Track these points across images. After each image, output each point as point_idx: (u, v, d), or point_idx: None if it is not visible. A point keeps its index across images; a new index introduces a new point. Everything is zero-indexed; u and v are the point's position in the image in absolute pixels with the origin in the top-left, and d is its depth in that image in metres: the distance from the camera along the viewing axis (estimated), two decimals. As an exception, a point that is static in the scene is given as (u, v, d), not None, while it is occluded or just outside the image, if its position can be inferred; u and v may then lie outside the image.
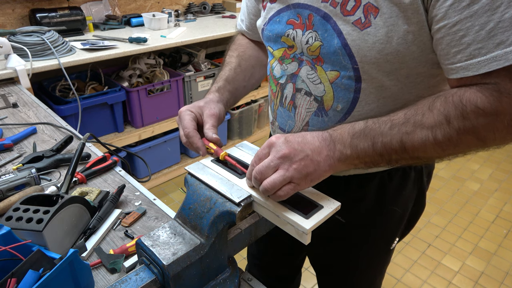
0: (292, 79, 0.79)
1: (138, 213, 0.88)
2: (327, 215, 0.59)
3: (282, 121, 0.86)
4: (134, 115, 2.29)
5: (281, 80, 0.82)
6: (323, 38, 0.70)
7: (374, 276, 1.05)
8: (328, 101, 0.75)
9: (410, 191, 0.87)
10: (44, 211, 0.71)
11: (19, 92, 1.55)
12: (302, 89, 0.78)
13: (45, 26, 1.99)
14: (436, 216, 2.35)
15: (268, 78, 0.89)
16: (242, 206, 0.60)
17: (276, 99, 0.86)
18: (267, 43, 0.84)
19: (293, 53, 0.78)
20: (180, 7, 2.83)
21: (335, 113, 0.75)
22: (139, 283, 0.58)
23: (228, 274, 0.67)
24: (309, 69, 0.75)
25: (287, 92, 0.81)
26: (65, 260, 0.57)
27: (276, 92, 0.85)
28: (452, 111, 0.57)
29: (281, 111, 0.85)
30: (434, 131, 0.58)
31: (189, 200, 0.65)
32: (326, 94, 0.74)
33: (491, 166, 2.87)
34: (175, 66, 2.58)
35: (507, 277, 1.94)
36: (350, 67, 0.69)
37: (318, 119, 0.78)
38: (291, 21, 0.76)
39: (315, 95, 0.76)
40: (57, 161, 1.03)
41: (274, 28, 0.80)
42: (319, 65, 0.73)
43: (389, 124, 0.61)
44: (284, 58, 0.80)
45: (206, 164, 0.71)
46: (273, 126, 0.91)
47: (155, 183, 2.56)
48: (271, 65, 0.86)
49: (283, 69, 0.81)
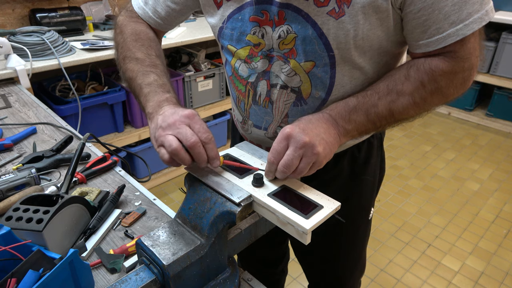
0: (264, 76, 0.79)
1: (138, 213, 0.88)
2: (327, 215, 0.59)
3: (257, 118, 0.86)
4: (134, 115, 2.29)
5: (251, 79, 0.81)
6: (297, 30, 0.72)
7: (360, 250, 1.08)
8: (306, 90, 0.77)
9: (375, 158, 0.95)
10: (44, 211, 0.71)
11: (19, 92, 1.55)
12: (277, 84, 0.79)
13: (45, 26, 1.99)
14: (436, 216, 2.35)
15: (231, 79, 0.87)
16: (242, 206, 0.60)
17: (246, 98, 0.85)
18: (228, 42, 0.81)
19: (260, 51, 0.77)
20: (180, 7, 2.83)
21: (314, 100, 0.78)
22: (139, 283, 0.58)
23: (228, 274, 0.67)
24: (281, 63, 0.76)
25: (261, 89, 0.81)
26: (65, 260, 0.57)
27: (246, 92, 0.84)
28: (425, 77, 0.70)
29: (255, 109, 0.85)
30: (413, 96, 0.71)
31: (189, 200, 0.65)
32: (303, 84, 0.77)
33: (491, 166, 2.87)
34: (175, 66, 2.58)
35: (507, 277, 1.94)
36: (326, 55, 0.72)
37: (298, 109, 0.80)
38: (255, 18, 0.75)
39: (291, 87, 0.78)
40: (57, 161, 1.03)
41: (236, 27, 0.78)
42: (292, 58, 0.75)
43: (376, 96, 0.71)
44: (252, 56, 0.79)
45: (206, 164, 0.71)
46: (245, 126, 0.90)
47: (155, 183, 2.56)
48: (232, 66, 0.84)
49: (252, 67, 0.80)
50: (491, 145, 3.15)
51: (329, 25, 0.69)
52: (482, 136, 3.30)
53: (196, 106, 2.60)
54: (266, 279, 1.09)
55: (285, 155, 0.63)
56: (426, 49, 0.70)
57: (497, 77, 3.25)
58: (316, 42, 0.71)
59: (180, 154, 0.62)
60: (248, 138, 0.93)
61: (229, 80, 0.89)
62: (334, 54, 0.72)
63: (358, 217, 1.00)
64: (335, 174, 0.91)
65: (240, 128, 0.95)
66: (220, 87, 2.69)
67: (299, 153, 0.63)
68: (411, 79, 0.71)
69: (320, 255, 1.05)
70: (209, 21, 0.85)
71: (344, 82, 0.76)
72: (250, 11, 0.75)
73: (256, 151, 0.76)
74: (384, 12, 0.67)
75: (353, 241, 1.04)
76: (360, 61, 0.74)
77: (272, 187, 0.65)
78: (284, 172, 0.64)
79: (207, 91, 2.63)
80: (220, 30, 0.82)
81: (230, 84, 0.89)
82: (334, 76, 0.75)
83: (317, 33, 0.70)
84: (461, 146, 3.13)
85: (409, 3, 0.66)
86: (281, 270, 1.37)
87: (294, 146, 0.63)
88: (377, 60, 0.76)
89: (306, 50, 0.73)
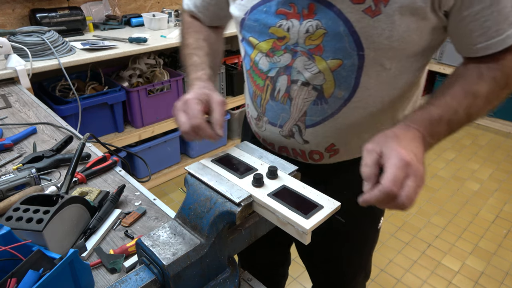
0: (286, 71, 0.77)
1: (138, 213, 0.88)
2: (327, 215, 0.59)
3: (273, 115, 0.84)
4: (134, 115, 2.29)
5: (271, 73, 0.80)
6: (327, 26, 0.69)
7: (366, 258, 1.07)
8: (328, 89, 0.75)
9: None
10: (44, 211, 0.71)
11: (19, 92, 1.55)
12: (298, 80, 0.77)
13: (45, 26, 1.99)
14: (436, 216, 2.35)
15: (248, 73, 0.86)
16: (242, 206, 0.60)
17: (264, 93, 0.83)
18: (249, 34, 0.81)
19: (284, 44, 0.76)
20: (180, 7, 2.83)
21: (335, 100, 0.76)
22: (139, 283, 0.58)
23: (228, 274, 0.67)
24: (305, 59, 0.74)
25: (280, 85, 0.79)
26: (65, 260, 0.57)
27: (264, 86, 0.83)
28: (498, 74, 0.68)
29: (271, 105, 0.83)
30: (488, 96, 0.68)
31: (189, 200, 0.65)
32: (326, 82, 0.74)
33: (491, 166, 2.87)
34: (175, 66, 2.58)
35: (507, 277, 1.94)
36: (355, 54, 0.70)
37: (317, 108, 0.78)
38: (282, 11, 0.74)
39: (313, 85, 0.76)
40: (57, 161, 1.03)
41: (260, 18, 0.77)
42: (317, 55, 0.73)
43: (455, 102, 0.68)
44: (275, 50, 0.77)
45: (206, 164, 0.71)
46: (259, 122, 0.89)
47: (155, 183, 2.56)
48: (251, 59, 0.83)
49: (274, 61, 0.78)
50: (491, 145, 3.15)
51: (363, 23, 0.67)
52: (482, 136, 3.30)
53: (196, 106, 2.60)
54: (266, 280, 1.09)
55: (407, 186, 0.57)
56: (485, 52, 0.68)
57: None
58: (346, 40, 0.69)
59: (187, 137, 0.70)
60: (261, 135, 0.91)
61: (247, 74, 0.87)
62: (364, 54, 0.70)
63: (367, 225, 0.98)
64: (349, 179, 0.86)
65: (253, 125, 0.93)
66: (220, 87, 2.69)
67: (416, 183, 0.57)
68: (485, 77, 0.68)
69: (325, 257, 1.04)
70: (231, 12, 0.85)
71: (369, 84, 0.74)
72: (276, 3, 0.74)
73: (256, 151, 0.76)
74: (421, 15, 0.65)
75: (359, 248, 1.02)
76: (389, 64, 0.72)
77: (272, 187, 0.65)
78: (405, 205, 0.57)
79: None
80: (242, 22, 0.81)
81: (248, 79, 0.88)
82: (360, 77, 0.73)
83: (348, 31, 0.68)
84: (461, 146, 3.13)
85: (466, 6, 0.64)
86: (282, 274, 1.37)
87: (414, 176, 0.57)
88: (407, 66, 0.74)
89: (334, 48, 0.70)
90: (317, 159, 0.86)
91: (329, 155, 0.85)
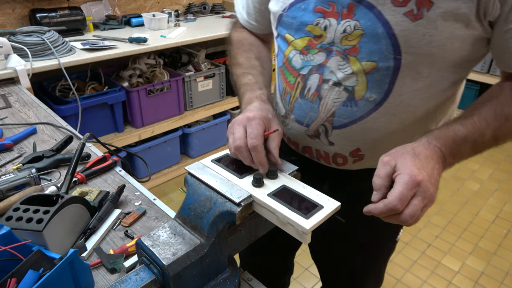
0: (318, 70, 0.76)
1: (138, 213, 0.88)
2: (327, 215, 0.59)
3: (300, 113, 0.82)
4: (134, 115, 2.29)
5: (303, 71, 0.79)
6: (365, 27, 0.68)
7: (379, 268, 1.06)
8: (360, 91, 0.74)
9: None
10: (44, 211, 0.71)
11: (19, 92, 1.55)
12: (330, 79, 0.75)
13: (45, 26, 1.99)
14: (436, 216, 2.35)
15: (280, 69, 0.85)
16: (242, 206, 0.60)
17: (294, 91, 0.82)
18: (285, 30, 0.80)
19: (320, 43, 0.75)
20: (180, 7, 2.83)
21: (366, 103, 0.74)
22: (139, 283, 0.58)
23: (228, 274, 0.67)
24: (339, 59, 0.73)
25: (311, 83, 0.78)
26: (65, 260, 0.57)
27: (295, 84, 0.81)
28: None
29: (300, 103, 0.82)
30: None
31: (189, 200, 0.65)
32: (359, 84, 0.73)
33: (491, 166, 2.87)
34: (175, 66, 2.58)
35: (507, 277, 1.94)
36: (392, 58, 0.69)
37: (346, 109, 0.76)
38: (320, 9, 0.73)
39: (345, 85, 0.74)
40: (57, 161, 1.03)
41: (297, 16, 0.76)
42: (352, 56, 0.71)
43: (484, 123, 0.66)
44: (310, 48, 0.76)
45: (206, 164, 0.71)
46: (286, 120, 0.88)
47: (155, 183, 2.56)
48: (285, 55, 0.82)
49: (308, 59, 0.77)
50: (491, 145, 3.15)
51: (403, 26, 0.66)
52: (482, 136, 3.29)
53: (196, 106, 2.61)
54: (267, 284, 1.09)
55: (412, 205, 0.57)
56: None
57: (497, 77, 3.25)
58: (384, 42, 0.68)
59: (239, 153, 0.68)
60: (286, 134, 0.90)
61: (278, 71, 0.86)
62: (401, 58, 0.68)
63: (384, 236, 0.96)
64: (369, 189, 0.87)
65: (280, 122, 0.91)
66: (220, 87, 2.69)
67: (423, 203, 0.58)
68: None
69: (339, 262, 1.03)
70: (270, 7, 0.85)
71: (403, 91, 0.72)
72: (316, 1, 0.73)
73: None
74: (465, 22, 0.63)
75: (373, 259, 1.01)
76: (427, 72, 0.70)
77: (272, 187, 0.65)
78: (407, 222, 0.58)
79: (207, 91, 2.63)
80: (280, 18, 0.81)
81: (279, 76, 0.87)
82: (394, 83, 0.71)
83: (387, 33, 0.67)
84: (461, 146, 3.13)
85: None
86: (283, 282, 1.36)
87: (421, 196, 0.58)
88: (445, 76, 0.72)
89: (370, 50, 0.69)
90: (340, 163, 0.84)
91: (353, 160, 0.83)
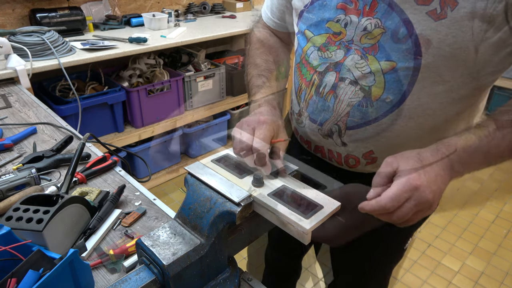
0: (335, 68, 0.75)
1: (138, 213, 0.88)
2: (327, 215, 0.59)
3: (314, 111, 0.81)
4: (134, 115, 2.29)
5: (320, 68, 0.77)
6: (386, 26, 0.67)
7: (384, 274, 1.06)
8: (377, 91, 0.72)
9: None
10: (44, 211, 0.71)
11: (19, 92, 1.55)
12: (347, 78, 0.74)
13: (45, 26, 1.99)
14: (436, 216, 2.35)
15: (297, 66, 0.84)
16: (242, 206, 0.60)
17: (309, 88, 0.81)
18: (305, 26, 0.79)
19: (339, 40, 0.73)
20: (180, 7, 2.83)
21: (382, 104, 0.73)
22: (139, 283, 0.58)
23: (228, 274, 0.67)
24: (358, 58, 0.71)
25: (328, 80, 0.77)
26: (65, 260, 0.57)
27: (311, 81, 0.80)
28: None
29: (315, 100, 0.80)
30: None
31: (189, 200, 0.65)
32: (376, 84, 0.71)
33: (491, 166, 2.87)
34: (175, 66, 2.58)
35: (507, 277, 1.94)
36: (411, 58, 0.66)
37: (361, 110, 0.75)
38: (342, 6, 0.71)
39: (362, 85, 0.72)
40: (57, 161, 1.03)
41: (319, 11, 0.75)
42: (371, 54, 0.70)
43: (500, 134, 0.62)
44: (329, 45, 0.75)
45: (206, 164, 0.71)
46: (300, 117, 0.86)
47: (155, 183, 2.56)
48: (304, 51, 0.81)
49: (326, 56, 0.76)
50: (491, 145, 3.15)
51: (424, 25, 0.63)
52: (482, 136, 3.29)
53: (196, 106, 2.60)
54: None
55: (404, 208, 0.57)
56: None
57: (497, 77, 3.25)
58: (404, 41, 0.65)
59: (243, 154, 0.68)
60: (299, 132, 0.89)
61: (296, 67, 0.85)
62: (422, 58, 0.66)
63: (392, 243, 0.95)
64: None
65: (294, 121, 0.91)
66: (220, 87, 2.69)
67: (417, 208, 0.57)
68: None
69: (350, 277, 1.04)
70: (293, 4, 0.84)
71: (422, 94, 0.70)
72: None
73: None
74: (491, 23, 0.60)
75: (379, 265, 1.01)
76: (448, 76, 0.67)
77: (272, 187, 0.65)
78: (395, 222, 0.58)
79: (207, 91, 2.63)
80: (301, 14, 0.80)
81: (295, 72, 0.86)
82: (413, 85, 0.69)
83: (408, 32, 0.65)
84: (461, 146, 3.13)
85: None
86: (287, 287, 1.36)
87: (416, 201, 0.57)
88: (467, 81, 0.69)
89: (390, 49, 0.67)
90: (352, 164, 0.83)
91: (365, 162, 0.81)
